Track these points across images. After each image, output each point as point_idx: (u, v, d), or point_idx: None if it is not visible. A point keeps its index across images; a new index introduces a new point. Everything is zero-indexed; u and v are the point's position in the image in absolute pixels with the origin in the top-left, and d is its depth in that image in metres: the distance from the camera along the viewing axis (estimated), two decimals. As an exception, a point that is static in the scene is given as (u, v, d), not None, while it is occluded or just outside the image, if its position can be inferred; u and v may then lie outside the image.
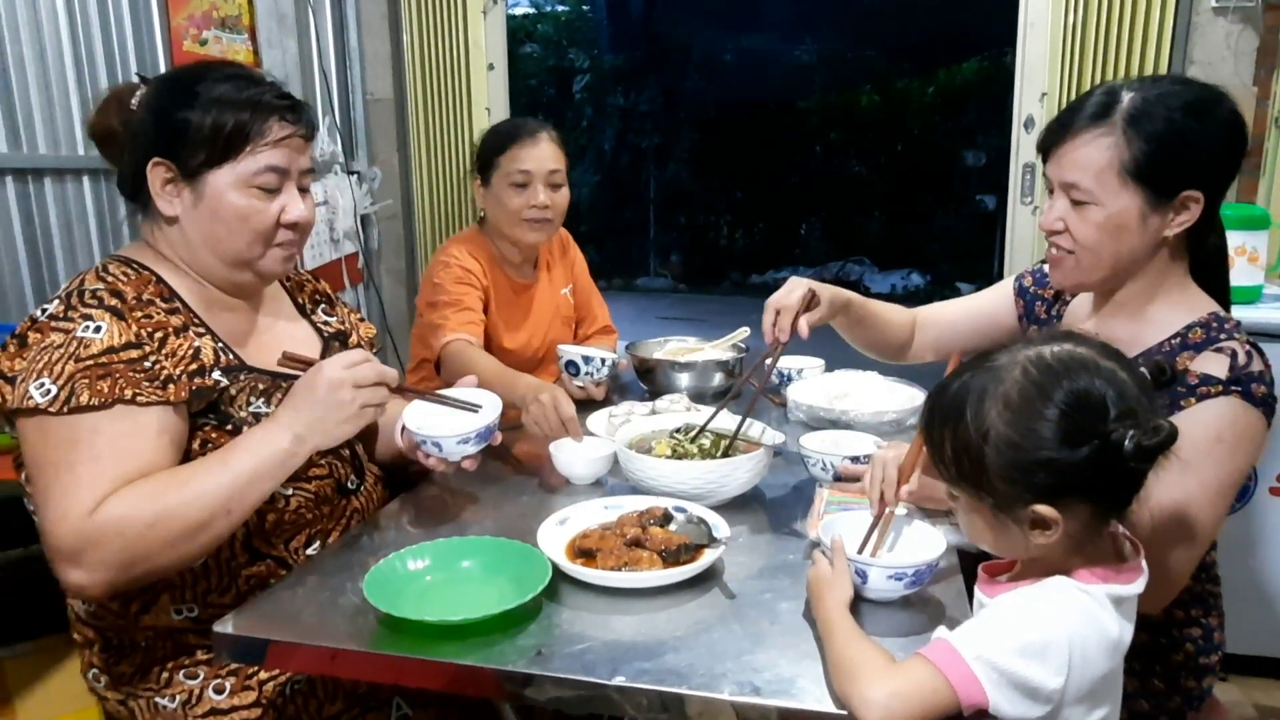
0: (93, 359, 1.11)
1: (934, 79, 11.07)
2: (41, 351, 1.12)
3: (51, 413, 1.08)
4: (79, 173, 2.32)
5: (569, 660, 0.95)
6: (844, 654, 0.91)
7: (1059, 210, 1.27)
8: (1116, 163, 1.20)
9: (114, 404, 1.10)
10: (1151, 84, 1.23)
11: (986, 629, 0.88)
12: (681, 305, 10.21)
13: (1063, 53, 2.80)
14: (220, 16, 2.82)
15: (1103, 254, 1.25)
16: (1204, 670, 1.34)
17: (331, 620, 1.04)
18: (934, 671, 0.85)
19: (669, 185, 12.36)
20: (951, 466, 0.94)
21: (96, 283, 1.20)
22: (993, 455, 0.89)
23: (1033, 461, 0.87)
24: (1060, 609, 0.88)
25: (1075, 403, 0.87)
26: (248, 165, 1.22)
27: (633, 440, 1.45)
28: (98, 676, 1.28)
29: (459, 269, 2.03)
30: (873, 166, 11.85)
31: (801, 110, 11.73)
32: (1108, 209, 1.22)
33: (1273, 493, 2.24)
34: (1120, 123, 1.19)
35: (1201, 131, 1.20)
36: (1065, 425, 0.86)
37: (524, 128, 2.07)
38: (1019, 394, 0.89)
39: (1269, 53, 2.64)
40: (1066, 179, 1.25)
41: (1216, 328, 1.24)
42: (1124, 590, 0.92)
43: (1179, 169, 1.20)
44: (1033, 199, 3.00)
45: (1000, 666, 0.85)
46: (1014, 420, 0.88)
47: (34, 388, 1.09)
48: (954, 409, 0.93)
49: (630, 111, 12.13)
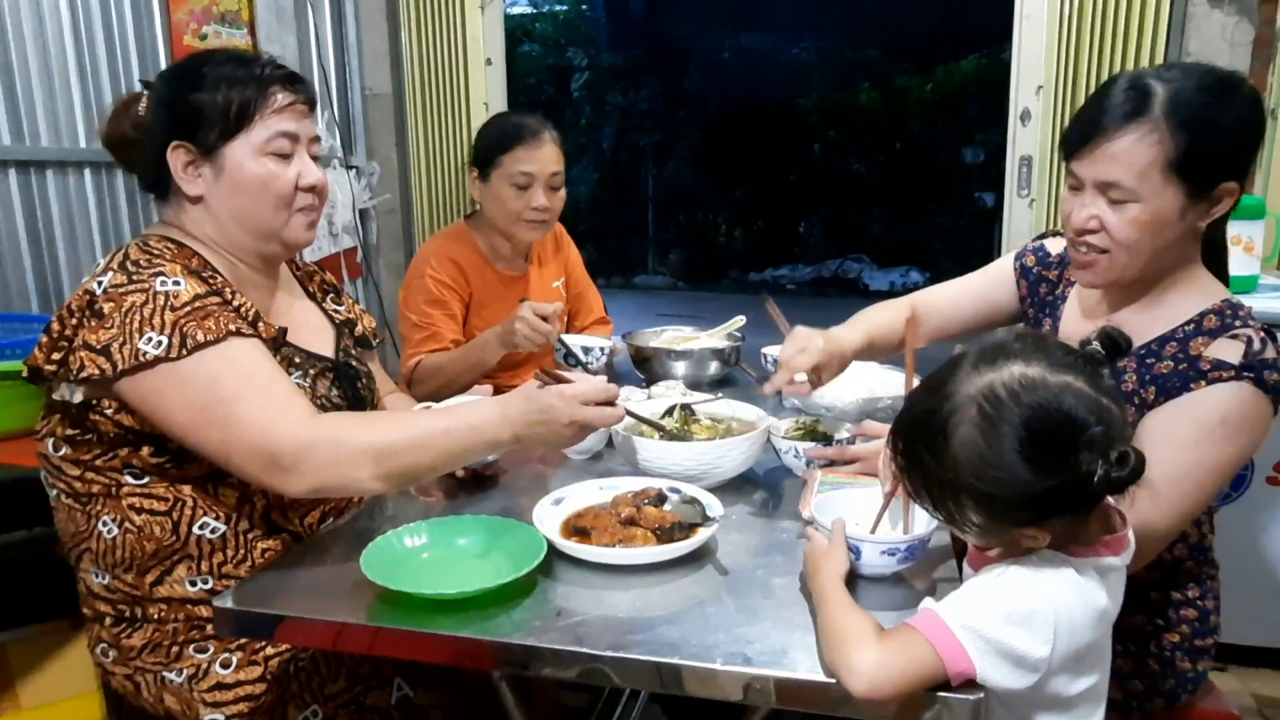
0: (186, 305, 1.17)
1: (933, 76, 11.09)
2: (128, 314, 1.15)
3: (174, 358, 1.13)
4: (80, 165, 2.33)
5: (565, 633, 0.96)
6: (833, 623, 0.92)
7: (1094, 209, 1.22)
8: (1161, 159, 1.15)
9: (226, 337, 1.16)
10: (1180, 73, 1.18)
11: (973, 599, 0.90)
12: (680, 302, 10.22)
13: (1059, 46, 2.80)
14: (220, 11, 2.83)
15: (1142, 251, 1.21)
16: (1199, 653, 1.35)
17: (331, 595, 1.06)
18: (920, 640, 0.87)
19: (668, 183, 12.38)
20: (928, 503, 0.95)
21: (143, 254, 1.24)
22: (967, 500, 0.90)
23: (1006, 502, 0.87)
24: (1046, 579, 0.89)
25: (1035, 437, 0.85)
26: (259, 133, 1.28)
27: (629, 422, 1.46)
28: (106, 651, 1.30)
29: (433, 283, 2.07)
30: (872, 164, 11.87)
31: (801, 108, 11.76)
32: (1151, 206, 1.18)
33: (1270, 483, 2.25)
34: (1161, 117, 1.15)
35: (1231, 119, 1.18)
36: (1032, 460, 0.85)
37: (526, 128, 2.08)
38: (980, 438, 0.87)
39: (1265, 44, 2.65)
40: (1104, 178, 1.19)
41: (1231, 314, 1.22)
42: (1111, 561, 0.93)
43: (1218, 161, 1.17)
44: (1029, 191, 3.01)
45: (987, 635, 0.86)
46: (980, 469, 0.87)
47: (143, 343, 1.13)
48: (918, 451, 0.93)
49: (630, 110, 12.16)
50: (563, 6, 12.21)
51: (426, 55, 3.41)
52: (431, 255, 2.11)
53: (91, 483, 1.24)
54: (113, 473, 1.24)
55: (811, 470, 1.33)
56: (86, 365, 1.14)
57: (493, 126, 2.18)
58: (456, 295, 2.09)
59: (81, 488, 1.25)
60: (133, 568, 1.26)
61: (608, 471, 1.44)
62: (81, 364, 1.14)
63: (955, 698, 0.85)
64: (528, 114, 2.18)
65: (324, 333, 1.47)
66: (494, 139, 2.11)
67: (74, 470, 1.25)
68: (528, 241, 2.18)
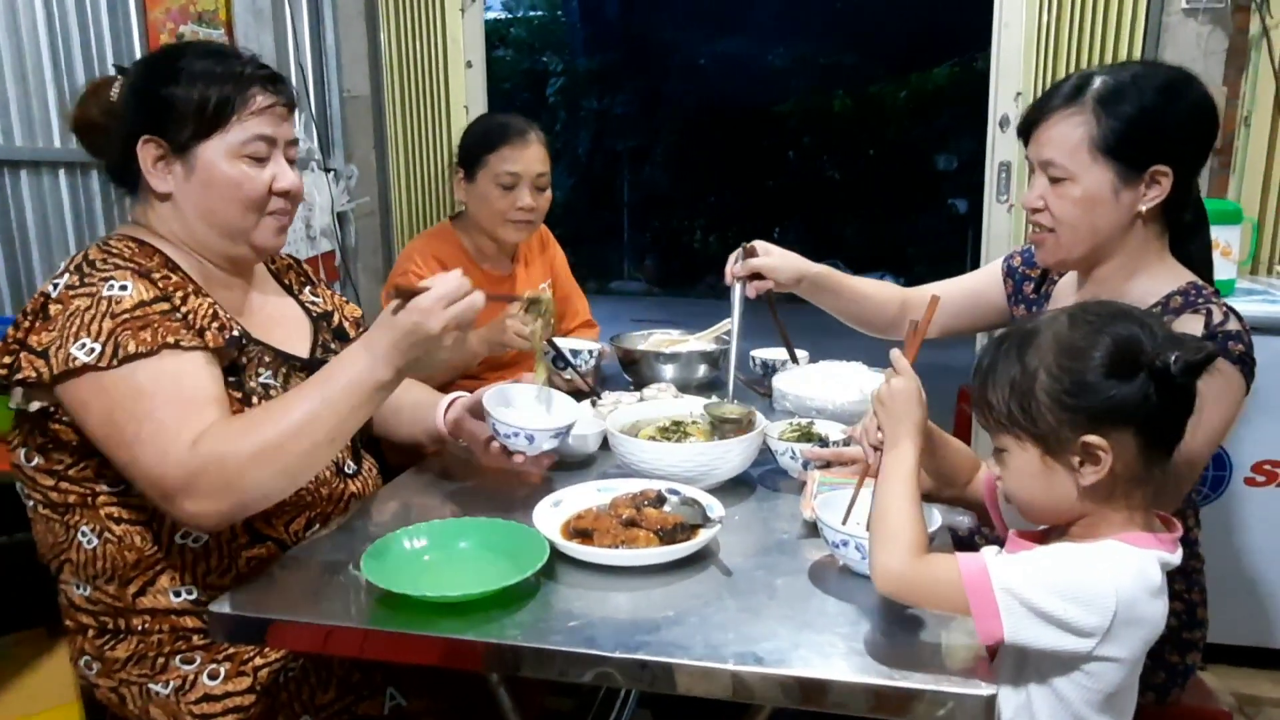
0: (127, 313, 1.12)
1: (907, 83, 11.21)
2: (70, 317, 1.11)
3: (102, 368, 1.09)
4: (55, 165, 2.29)
5: (571, 635, 0.95)
6: (889, 517, 0.96)
7: (1039, 189, 1.34)
8: (1088, 139, 1.28)
9: (160, 349, 1.11)
10: (1121, 68, 1.33)
11: (1026, 567, 0.90)
12: (656, 308, 10.23)
13: (1037, 53, 2.84)
14: (197, 10, 2.79)
15: (1080, 228, 1.32)
16: (1188, 645, 1.37)
17: (329, 600, 1.04)
18: (957, 582, 0.89)
19: (644, 188, 12.40)
20: (1003, 411, 0.97)
21: (102, 254, 1.20)
22: (1046, 384, 0.93)
23: (1083, 384, 0.92)
24: (1112, 566, 0.90)
25: (1121, 335, 0.92)
26: (236, 135, 1.23)
27: (624, 425, 1.45)
28: (89, 664, 1.26)
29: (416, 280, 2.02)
30: (847, 170, 11.96)
31: (777, 114, 11.83)
32: (1082, 183, 1.29)
33: (1248, 483, 2.29)
34: (1091, 101, 1.28)
35: (1168, 109, 1.28)
36: (1113, 354, 0.91)
37: (513, 128, 2.08)
38: (1069, 330, 0.95)
39: (1238, 53, 2.70)
40: (1043, 156, 1.32)
41: (1195, 294, 1.29)
42: (1170, 558, 0.94)
43: (1147, 144, 1.27)
44: (1008, 197, 3.05)
45: (1031, 603, 0.87)
46: (1065, 350, 0.94)
47: (75, 349, 1.09)
48: (1006, 357, 0.98)
49: (605, 115, 12.16)
50: (537, 11, 12.19)
51: (406, 57, 3.39)
52: (415, 253, 2.09)
53: (67, 492, 1.21)
54: (87, 482, 1.20)
55: (810, 471, 1.33)
56: (24, 367, 1.11)
57: (478, 127, 2.17)
58: None
59: (58, 498, 1.22)
60: (114, 579, 1.22)
61: (602, 474, 1.43)
62: (20, 365, 1.11)
63: (969, 694, 0.85)
64: (513, 115, 2.17)
65: (300, 328, 1.42)
66: (480, 139, 2.09)
67: (48, 480, 1.22)
68: (513, 242, 2.16)
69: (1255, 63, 2.68)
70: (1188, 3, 2.70)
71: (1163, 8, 2.72)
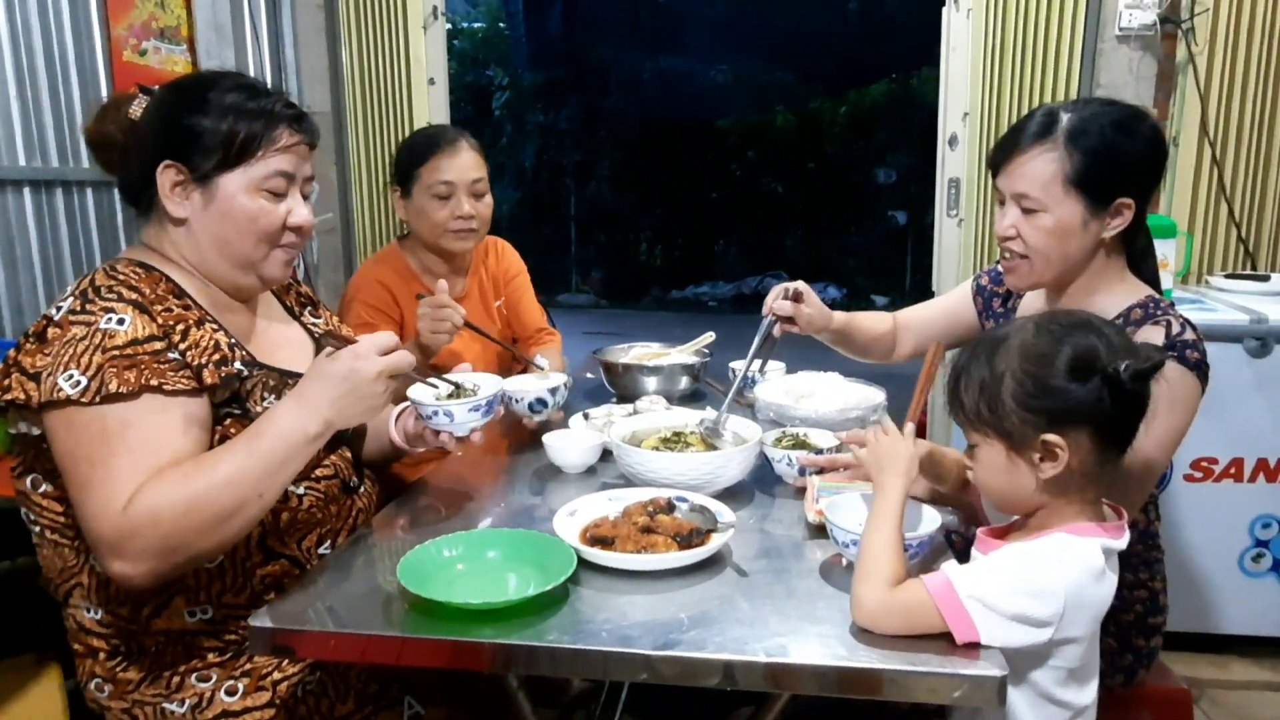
0: (119, 350, 1.13)
1: (845, 100, 11.50)
2: (65, 345, 1.12)
3: (83, 403, 1.09)
4: (19, 184, 2.24)
5: (608, 637, 1.00)
6: (870, 550, 1.03)
7: (1011, 218, 1.43)
8: (1060, 174, 1.37)
9: (142, 393, 1.12)
10: (1084, 105, 1.41)
11: (985, 572, 1.00)
12: (604, 320, 10.28)
13: (983, 76, 2.99)
14: (159, 27, 2.77)
15: (1052, 256, 1.42)
16: (1152, 630, 1.49)
17: (364, 610, 1.07)
18: (927, 601, 0.97)
19: (590, 202, 12.46)
20: (974, 410, 1.06)
21: (108, 280, 1.21)
22: (1011, 387, 1.03)
23: (1044, 387, 1.01)
24: (1058, 558, 1.00)
25: (1080, 344, 1.02)
26: (259, 170, 1.26)
27: (624, 436, 1.51)
28: (101, 686, 1.26)
29: (363, 308, 2.03)
30: (789, 184, 12.20)
31: (719, 129, 12.03)
32: (1055, 215, 1.38)
33: (1187, 479, 2.44)
34: (1062, 139, 1.37)
35: (1130, 146, 1.38)
36: (1072, 361, 1.01)
37: (442, 136, 2.07)
38: (1034, 338, 1.05)
39: (1166, 77, 2.89)
40: (1017, 189, 1.41)
41: (1154, 306, 1.41)
42: (1113, 543, 1.04)
43: (1113, 179, 1.37)
44: (958, 212, 3.19)
45: (996, 606, 0.96)
46: (1030, 356, 1.04)
47: (63, 379, 1.10)
48: (977, 361, 1.07)
49: (550, 129, 12.19)
50: (481, 24, 12.17)
51: (367, 74, 3.39)
52: (360, 281, 2.09)
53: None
54: None
55: (809, 477, 1.40)
56: (14, 388, 1.12)
57: (408, 142, 2.15)
58: (387, 318, 2.05)
59: (68, 522, 1.22)
60: (128, 601, 1.23)
61: (603, 484, 1.48)
62: (9, 386, 1.12)
63: (983, 675, 0.93)
64: (442, 125, 2.15)
65: (303, 349, 1.45)
66: (410, 153, 2.08)
67: (57, 506, 1.22)
68: (458, 252, 2.13)
69: (1182, 86, 2.87)
70: (1120, 30, 2.88)
71: (1098, 35, 2.90)
